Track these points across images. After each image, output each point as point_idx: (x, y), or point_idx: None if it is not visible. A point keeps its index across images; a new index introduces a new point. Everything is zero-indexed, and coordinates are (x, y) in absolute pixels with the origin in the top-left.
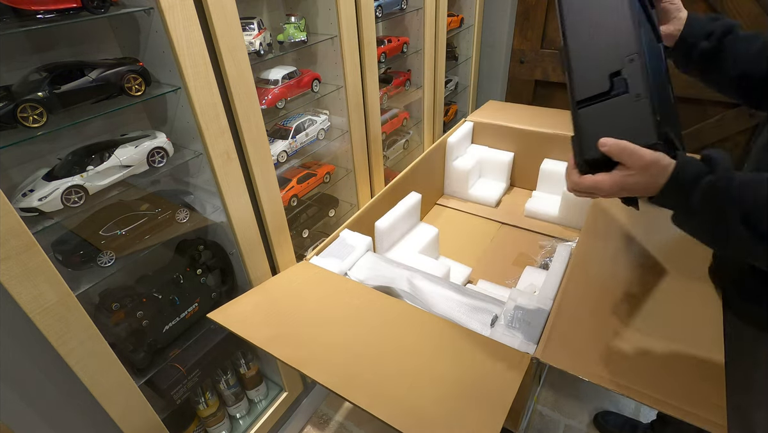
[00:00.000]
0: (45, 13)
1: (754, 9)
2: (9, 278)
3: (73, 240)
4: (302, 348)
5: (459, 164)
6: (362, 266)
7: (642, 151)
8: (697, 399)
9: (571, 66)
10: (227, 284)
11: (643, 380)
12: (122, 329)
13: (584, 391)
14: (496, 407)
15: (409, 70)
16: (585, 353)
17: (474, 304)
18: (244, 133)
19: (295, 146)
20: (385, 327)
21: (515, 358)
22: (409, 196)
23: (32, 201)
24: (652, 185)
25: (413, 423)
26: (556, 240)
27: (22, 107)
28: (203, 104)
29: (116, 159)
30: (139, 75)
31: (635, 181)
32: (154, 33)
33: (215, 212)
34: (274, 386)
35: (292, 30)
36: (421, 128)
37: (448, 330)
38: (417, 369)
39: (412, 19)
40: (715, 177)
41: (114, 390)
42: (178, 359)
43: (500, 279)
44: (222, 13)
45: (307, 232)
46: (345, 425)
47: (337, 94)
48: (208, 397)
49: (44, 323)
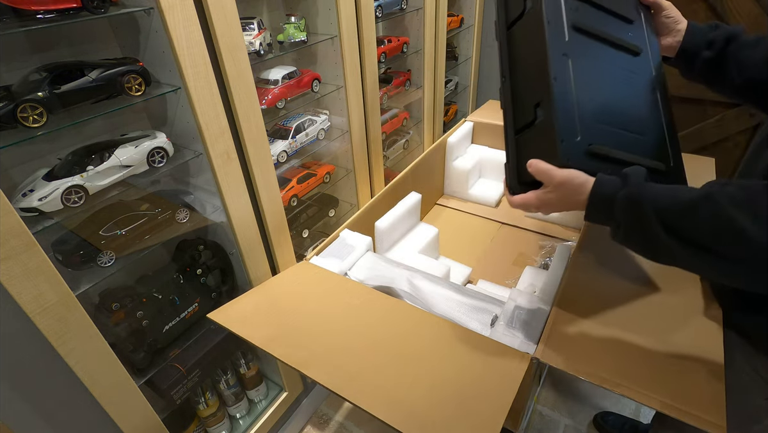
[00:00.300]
0: (45, 13)
1: (754, 9)
2: (9, 278)
3: (73, 240)
4: (302, 348)
5: (459, 164)
6: (362, 266)
7: (554, 171)
8: (697, 400)
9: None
10: (227, 284)
11: (643, 380)
12: (122, 329)
13: (584, 391)
14: (496, 407)
15: (409, 70)
16: (585, 353)
17: (474, 304)
18: (244, 133)
19: (295, 146)
20: (385, 327)
21: (515, 358)
22: (409, 196)
23: (32, 201)
24: (574, 202)
25: (413, 423)
26: (556, 240)
27: (22, 107)
28: (203, 104)
29: (116, 159)
30: (139, 75)
31: (553, 197)
32: (154, 33)
33: (215, 212)
34: (274, 386)
35: (292, 30)
36: (421, 128)
37: (448, 330)
38: (417, 369)
39: (412, 19)
40: (628, 190)
41: (114, 390)
42: (178, 359)
43: (500, 279)
44: (222, 13)
45: (307, 232)
46: (345, 425)
47: (337, 94)
48: (208, 397)
49: (44, 323)
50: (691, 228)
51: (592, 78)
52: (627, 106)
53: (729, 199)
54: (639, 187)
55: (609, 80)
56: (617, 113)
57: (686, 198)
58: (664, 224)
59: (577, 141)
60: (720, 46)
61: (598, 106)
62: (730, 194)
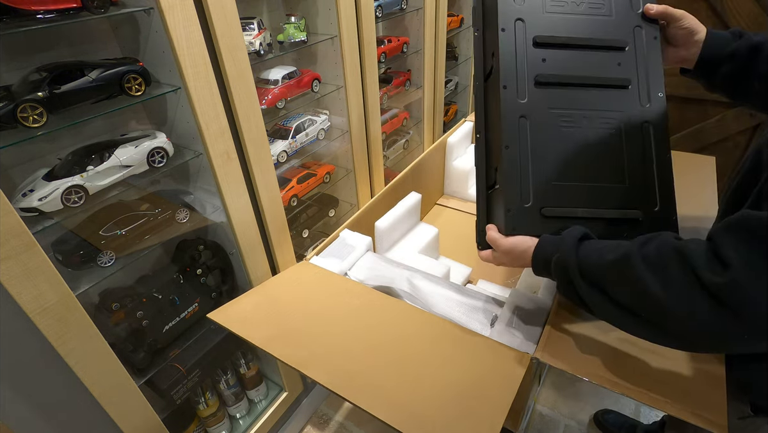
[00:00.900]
0: (45, 13)
1: (754, 9)
2: (9, 278)
3: (73, 240)
4: (302, 348)
5: (459, 164)
6: (362, 266)
7: (500, 240)
8: (698, 399)
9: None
10: (227, 284)
11: (643, 379)
12: (122, 329)
13: (584, 391)
14: (496, 407)
15: (409, 70)
16: (585, 353)
17: (474, 304)
18: (244, 133)
19: (295, 146)
20: (385, 327)
21: (515, 358)
22: (409, 196)
23: (32, 201)
24: (522, 263)
25: (413, 423)
26: None
27: (22, 107)
28: (203, 104)
29: (116, 159)
30: (139, 75)
31: (504, 260)
32: (154, 33)
33: (215, 212)
34: (274, 386)
35: (292, 30)
36: (421, 128)
37: (448, 330)
38: (417, 369)
39: (412, 19)
40: (559, 254)
41: (114, 390)
42: (178, 359)
43: (500, 279)
44: (222, 13)
45: (307, 232)
46: (345, 425)
47: (337, 94)
48: (208, 397)
49: (44, 323)
50: (615, 291)
51: (555, 134)
52: (600, 155)
53: (644, 260)
54: (568, 252)
55: (579, 130)
56: (586, 166)
57: (609, 259)
58: (594, 286)
59: (527, 207)
60: (743, 59)
61: (561, 163)
62: (645, 256)
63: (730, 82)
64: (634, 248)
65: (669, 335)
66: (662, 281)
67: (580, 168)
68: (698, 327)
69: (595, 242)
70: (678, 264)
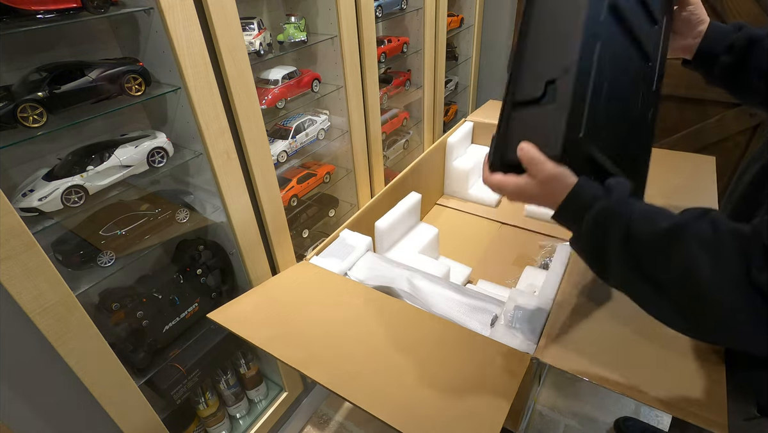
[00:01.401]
0: (45, 13)
1: (754, 9)
2: (9, 278)
3: (73, 240)
4: (302, 348)
5: (459, 164)
6: (362, 266)
7: (547, 164)
8: (699, 399)
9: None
10: (227, 284)
11: (644, 379)
12: (122, 329)
13: (584, 391)
14: (496, 407)
15: (409, 70)
16: (585, 353)
17: (474, 304)
18: (244, 133)
19: (295, 146)
20: (385, 327)
21: (515, 358)
22: (409, 196)
23: (32, 201)
24: (551, 200)
25: (413, 423)
26: (556, 240)
27: (22, 107)
28: (203, 104)
29: (116, 159)
30: (139, 75)
31: (535, 191)
32: (154, 33)
33: (215, 212)
34: (274, 386)
35: (292, 30)
36: (421, 128)
37: (448, 330)
38: (417, 369)
39: (412, 19)
40: (607, 203)
41: (114, 390)
42: (178, 359)
43: (500, 279)
44: (222, 13)
45: (307, 232)
46: (345, 425)
47: (337, 94)
48: (208, 397)
49: (44, 323)
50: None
51: (611, 75)
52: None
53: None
54: (619, 205)
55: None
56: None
57: (663, 227)
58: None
59: (579, 137)
60: (741, 51)
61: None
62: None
63: (728, 73)
64: (688, 220)
65: (689, 319)
66: (712, 264)
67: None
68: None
69: (643, 203)
70: (732, 251)
